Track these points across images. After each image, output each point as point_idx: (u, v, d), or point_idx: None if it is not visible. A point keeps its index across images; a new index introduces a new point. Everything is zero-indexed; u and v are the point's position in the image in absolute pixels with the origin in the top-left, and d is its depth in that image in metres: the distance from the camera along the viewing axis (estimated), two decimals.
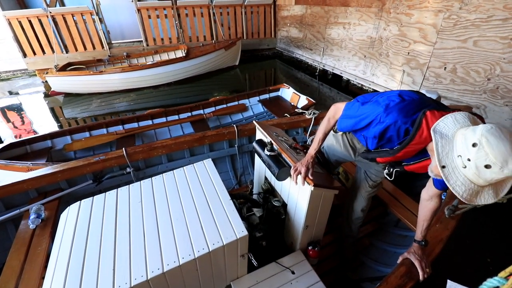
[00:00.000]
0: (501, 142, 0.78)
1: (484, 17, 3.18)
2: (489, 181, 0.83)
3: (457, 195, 0.88)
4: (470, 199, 0.87)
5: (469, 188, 0.87)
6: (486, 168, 0.81)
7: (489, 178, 0.82)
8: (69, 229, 1.24)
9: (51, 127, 4.80)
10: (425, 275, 1.23)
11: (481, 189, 0.87)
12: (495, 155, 0.78)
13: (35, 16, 5.89)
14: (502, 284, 0.53)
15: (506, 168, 0.78)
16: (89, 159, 2.04)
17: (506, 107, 3.18)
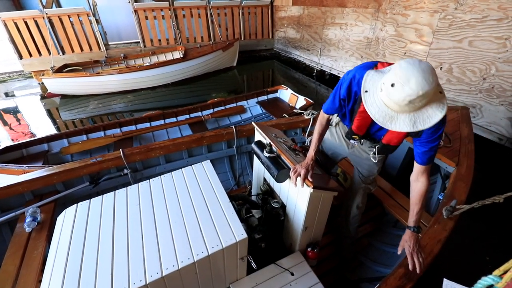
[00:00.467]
0: (410, 66, 0.87)
1: (479, 17, 3.21)
2: (397, 102, 0.89)
3: (371, 115, 0.95)
4: (383, 122, 0.94)
5: (383, 110, 0.94)
6: (392, 87, 0.88)
7: (395, 98, 0.88)
8: (66, 233, 1.23)
9: (48, 129, 4.76)
10: (417, 266, 1.21)
11: (395, 115, 0.93)
12: (400, 74, 0.87)
13: (31, 17, 5.85)
14: (497, 282, 0.53)
15: (406, 86, 0.85)
16: (86, 161, 2.02)
17: (501, 106, 3.21)
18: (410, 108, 0.90)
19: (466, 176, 1.81)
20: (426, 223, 1.67)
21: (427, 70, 0.86)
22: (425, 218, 1.73)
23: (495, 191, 2.53)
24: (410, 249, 1.27)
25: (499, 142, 3.30)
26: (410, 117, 0.91)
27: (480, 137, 3.44)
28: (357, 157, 1.57)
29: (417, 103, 0.88)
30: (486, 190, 2.63)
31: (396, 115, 0.93)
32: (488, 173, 3.09)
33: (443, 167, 2.05)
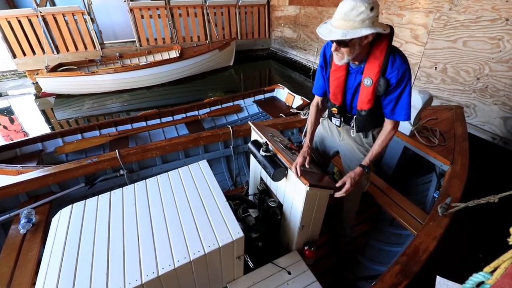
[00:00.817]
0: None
1: (473, 18, 3.25)
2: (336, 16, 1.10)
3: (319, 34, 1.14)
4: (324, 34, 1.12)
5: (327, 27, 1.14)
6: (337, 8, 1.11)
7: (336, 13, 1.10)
8: (61, 234, 1.22)
9: (42, 129, 4.71)
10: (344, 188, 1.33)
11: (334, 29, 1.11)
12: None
13: (25, 16, 5.78)
14: (487, 279, 0.54)
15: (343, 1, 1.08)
16: (81, 162, 2.00)
17: (495, 106, 3.25)
18: (346, 23, 1.08)
19: (461, 174, 1.83)
20: (421, 221, 1.69)
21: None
22: (420, 216, 1.75)
23: (489, 189, 2.57)
24: (350, 180, 1.34)
25: (493, 141, 3.34)
26: (344, 31, 1.08)
27: (474, 136, 3.48)
28: (347, 150, 1.58)
29: (353, 15, 1.06)
30: (480, 188, 2.68)
31: (334, 29, 1.11)
32: (482, 172, 3.13)
33: (438, 166, 2.07)
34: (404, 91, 1.21)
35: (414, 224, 1.70)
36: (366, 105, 1.30)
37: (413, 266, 1.28)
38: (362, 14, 1.04)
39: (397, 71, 1.18)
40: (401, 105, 1.24)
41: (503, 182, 2.99)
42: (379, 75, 1.20)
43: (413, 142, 2.19)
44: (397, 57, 1.19)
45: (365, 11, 1.04)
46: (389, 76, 1.20)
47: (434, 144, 2.13)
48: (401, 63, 1.18)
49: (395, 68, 1.18)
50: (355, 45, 1.14)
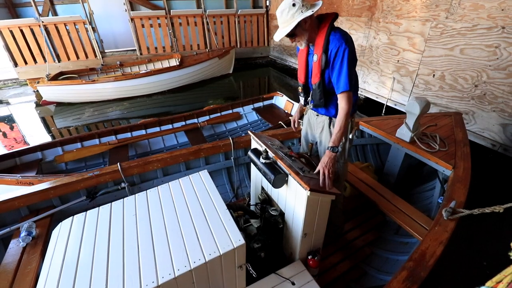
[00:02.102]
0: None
1: (470, 26, 3.30)
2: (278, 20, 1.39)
3: (274, 37, 1.42)
4: (275, 36, 1.40)
5: (276, 32, 1.41)
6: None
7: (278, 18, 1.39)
8: (61, 246, 1.21)
9: (43, 137, 4.71)
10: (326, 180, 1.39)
11: (280, 30, 1.38)
12: None
13: (27, 25, 5.86)
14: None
15: (277, 9, 1.38)
16: (83, 175, 2.00)
17: (493, 113, 3.26)
18: (284, 23, 1.37)
19: (464, 178, 1.83)
20: (426, 226, 1.68)
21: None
22: (426, 222, 1.74)
23: (491, 196, 2.55)
24: (323, 165, 1.39)
25: (492, 148, 3.34)
26: (284, 30, 1.37)
27: (474, 143, 3.49)
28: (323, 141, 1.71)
29: (285, 16, 1.34)
30: (483, 195, 2.66)
31: (280, 30, 1.39)
32: (484, 179, 3.12)
33: (441, 171, 2.06)
34: (342, 64, 1.37)
35: (420, 231, 1.68)
36: (316, 79, 1.50)
37: (421, 272, 1.26)
38: (289, 12, 1.33)
39: (334, 46, 1.37)
40: (340, 76, 1.39)
41: (505, 189, 2.98)
42: (322, 50, 1.41)
43: (414, 148, 2.19)
44: (336, 34, 1.38)
45: (290, 9, 1.32)
46: (329, 51, 1.39)
47: (435, 149, 2.13)
48: (339, 39, 1.36)
49: (333, 44, 1.37)
50: (301, 32, 1.39)
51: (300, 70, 1.63)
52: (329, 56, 1.40)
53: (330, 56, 1.40)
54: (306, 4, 1.35)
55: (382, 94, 4.84)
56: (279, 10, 1.35)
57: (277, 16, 1.38)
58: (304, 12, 1.33)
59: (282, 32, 1.37)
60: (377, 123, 2.59)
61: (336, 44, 1.36)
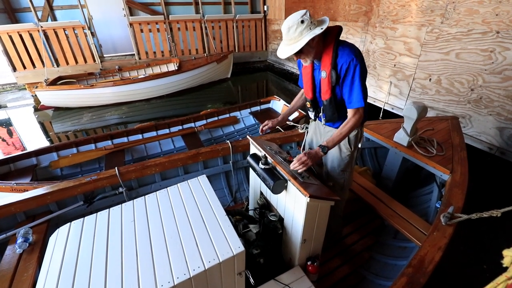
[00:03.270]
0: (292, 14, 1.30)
1: (465, 31, 3.33)
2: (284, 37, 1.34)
3: (278, 53, 1.37)
4: (280, 53, 1.36)
5: (281, 47, 1.37)
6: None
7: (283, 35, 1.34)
8: (58, 253, 1.20)
9: (40, 141, 4.70)
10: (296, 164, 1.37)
11: (285, 48, 1.34)
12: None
13: (26, 30, 5.87)
14: None
15: (282, 26, 1.32)
16: (80, 180, 1.99)
17: (490, 116, 3.28)
18: (290, 41, 1.32)
19: (461, 183, 1.83)
20: (425, 232, 1.68)
21: (297, 14, 1.29)
22: (424, 227, 1.74)
23: (489, 199, 2.56)
24: (305, 155, 1.37)
25: (489, 151, 3.36)
26: (292, 47, 1.31)
27: (471, 146, 3.50)
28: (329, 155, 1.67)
29: (291, 33, 1.29)
30: (481, 199, 2.66)
31: (286, 47, 1.35)
32: (482, 183, 3.13)
33: (438, 175, 2.07)
34: (354, 78, 1.34)
35: (418, 236, 1.68)
36: (326, 96, 1.47)
37: (420, 278, 1.26)
38: (297, 29, 1.28)
39: (344, 61, 1.33)
40: (353, 92, 1.37)
41: (502, 193, 2.98)
42: (331, 67, 1.37)
43: (412, 152, 2.20)
44: (344, 49, 1.34)
45: (298, 26, 1.27)
46: (338, 67, 1.35)
47: (432, 154, 2.14)
48: (348, 54, 1.32)
49: (343, 59, 1.33)
50: (308, 50, 1.34)
51: (306, 86, 1.58)
52: (339, 72, 1.36)
53: (340, 72, 1.35)
54: (314, 21, 1.31)
55: (379, 98, 4.87)
56: (285, 26, 1.30)
57: (283, 32, 1.32)
58: (313, 29, 1.28)
59: (289, 50, 1.32)
60: (375, 127, 2.60)
61: (346, 59, 1.32)
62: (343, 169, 1.66)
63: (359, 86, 1.34)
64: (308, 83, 1.55)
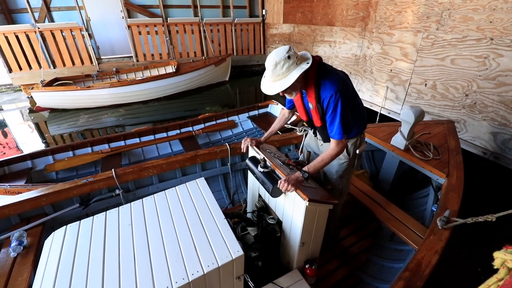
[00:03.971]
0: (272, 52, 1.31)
1: (460, 37, 3.40)
2: (269, 73, 1.30)
3: (262, 89, 1.36)
4: (266, 90, 1.35)
5: (265, 84, 1.36)
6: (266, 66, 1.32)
7: (268, 71, 1.31)
8: (54, 256, 1.18)
9: (36, 143, 4.64)
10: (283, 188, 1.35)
11: (271, 84, 1.32)
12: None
13: (23, 31, 5.83)
14: None
15: (267, 61, 1.30)
16: (76, 182, 1.96)
17: (484, 121, 3.34)
18: (277, 77, 1.30)
19: (457, 187, 1.86)
20: (421, 235, 1.69)
21: (281, 50, 1.28)
22: (420, 230, 1.75)
23: (484, 203, 2.58)
24: (288, 180, 1.35)
25: (484, 156, 3.41)
26: (279, 84, 1.30)
27: (466, 151, 3.55)
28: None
29: (277, 69, 1.27)
30: (476, 203, 2.69)
31: (272, 84, 1.32)
32: (476, 187, 3.17)
33: (434, 179, 2.09)
34: (335, 114, 1.36)
35: (415, 239, 1.70)
36: (318, 123, 1.50)
37: (417, 281, 1.27)
38: (284, 66, 1.26)
39: (326, 95, 1.34)
40: (333, 126, 1.39)
41: (496, 197, 3.02)
42: (315, 101, 1.40)
43: (408, 156, 2.22)
44: (324, 84, 1.35)
45: (285, 62, 1.25)
46: (321, 102, 1.39)
47: (429, 157, 2.16)
48: (330, 89, 1.33)
49: (324, 94, 1.35)
50: (295, 84, 1.32)
51: (299, 110, 1.61)
52: (323, 105, 1.39)
53: (323, 105, 1.39)
54: (299, 56, 1.31)
55: (376, 102, 4.92)
56: (271, 62, 1.26)
57: (269, 68, 1.28)
58: (300, 64, 1.28)
59: (278, 86, 1.29)
60: (373, 130, 2.63)
61: (328, 94, 1.33)
62: (341, 175, 1.68)
63: (339, 120, 1.36)
64: (301, 108, 1.58)
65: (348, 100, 1.38)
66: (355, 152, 1.62)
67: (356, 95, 1.53)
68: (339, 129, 1.37)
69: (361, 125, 1.60)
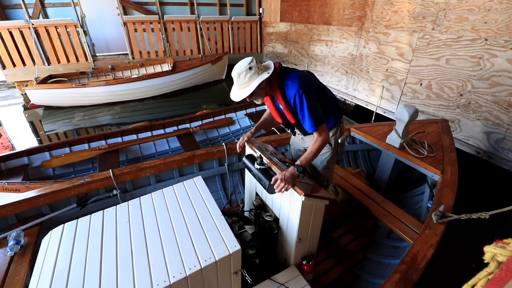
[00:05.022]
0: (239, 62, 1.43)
1: (455, 38, 3.44)
2: (235, 82, 1.44)
3: (231, 96, 1.48)
4: (232, 96, 1.47)
5: (232, 91, 1.48)
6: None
7: (234, 80, 1.44)
8: (51, 255, 1.18)
9: (30, 141, 4.59)
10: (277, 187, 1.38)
11: (238, 92, 1.44)
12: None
13: (16, 27, 5.74)
14: None
15: (232, 72, 1.42)
16: (73, 182, 1.96)
17: (478, 121, 3.39)
18: (242, 85, 1.42)
19: (452, 183, 1.89)
20: (418, 231, 1.72)
21: (244, 61, 1.41)
22: (416, 226, 1.78)
23: (478, 201, 2.61)
24: (281, 177, 1.37)
25: (477, 155, 3.46)
26: (243, 91, 1.42)
27: (459, 150, 3.60)
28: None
29: (241, 79, 1.40)
30: (470, 200, 2.73)
31: (238, 91, 1.45)
32: (470, 185, 3.22)
33: (429, 176, 2.13)
34: (303, 109, 1.45)
35: (411, 235, 1.73)
36: (292, 120, 1.57)
37: (413, 274, 1.29)
38: (246, 75, 1.39)
39: (291, 95, 1.45)
40: (305, 120, 1.47)
41: (490, 195, 3.07)
42: (284, 102, 1.49)
43: (404, 154, 2.25)
44: (286, 85, 1.46)
45: (246, 72, 1.38)
46: (288, 100, 1.48)
47: (424, 155, 2.20)
48: (292, 88, 1.44)
49: (289, 93, 1.45)
50: (258, 91, 1.45)
51: (273, 114, 1.69)
52: (290, 103, 1.48)
53: (291, 104, 1.48)
54: (260, 66, 1.44)
55: (372, 101, 4.96)
56: (235, 72, 1.41)
57: (234, 78, 1.43)
58: (261, 74, 1.41)
59: (241, 93, 1.43)
60: (368, 129, 2.65)
61: (291, 92, 1.43)
62: (325, 166, 1.74)
63: (308, 114, 1.44)
64: (274, 112, 1.66)
65: (312, 94, 1.48)
66: (337, 142, 1.70)
67: (323, 88, 1.64)
68: (311, 121, 1.45)
69: (336, 114, 1.67)
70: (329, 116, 1.62)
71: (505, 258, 0.54)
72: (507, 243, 0.56)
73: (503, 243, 0.57)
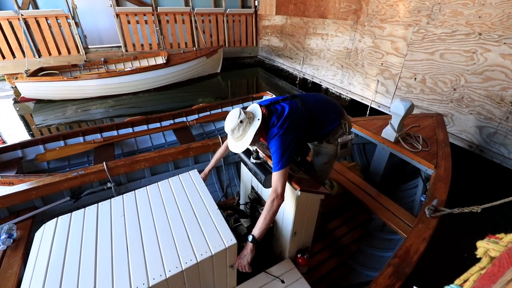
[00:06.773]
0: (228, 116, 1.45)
1: (449, 32, 3.45)
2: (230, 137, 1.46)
3: (231, 149, 1.48)
4: (232, 149, 1.47)
5: (230, 144, 1.48)
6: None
7: (228, 135, 1.45)
8: (45, 249, 1.17)
9: (21, 135, 4.50)
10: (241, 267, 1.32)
11: (236, 144, 1.45)
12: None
13: (5, 18, 5.57)
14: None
15: (225, 128, 1.43)
16: (67, 174, 1.93)
17: (470, 116, 3.44)
18: (238, 138, 1.44)
19: (445, 177, 1.92)
20: (411, 224, 1.75)
21: (233, 116, 1.42)
22: (409, 219, 1.81)
23: (470, 194, 2.65)
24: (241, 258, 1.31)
25: (469, 149, 3.52)
26: (242, 143, 1.44)
27: (452, 144, 3.66)
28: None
29: (235, 133, 1.42)
30: (463, 193, 2.78)
31: (236, 144, 1.46)
32: (462, 179, 3.28)
33: (423, 170, 2.16)
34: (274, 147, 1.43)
35: (404, 228, 1.75)
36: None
37: (405, 268, 1.32)
38: (240, 129, 1.41)
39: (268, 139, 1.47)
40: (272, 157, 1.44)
41: (482, 188, 3.14)
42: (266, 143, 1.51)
43: (398, 148, 2.28)
44: (272, 130, 1.45)
45: (239, 127, 1.40)
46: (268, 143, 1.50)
47: (418, 149, 2.22)
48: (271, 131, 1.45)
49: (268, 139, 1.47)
50: (255, 138, 1.45)
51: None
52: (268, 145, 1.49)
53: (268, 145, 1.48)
54: (249, 115, 1.44)
55: (367, 96, 4.98)
56: (228, 128, 1.42)
57: (228, 133, 1.44)
58: (252, 122, 1.43)
59: (240, 145, 1.45)
60: (364, 123, 2.67)
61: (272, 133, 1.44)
62: (325, 162, 1.75)
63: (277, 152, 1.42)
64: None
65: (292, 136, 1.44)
66: (337, 140, 1.69)
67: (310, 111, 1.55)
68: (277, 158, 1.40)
69: (335, 118, 1.63)
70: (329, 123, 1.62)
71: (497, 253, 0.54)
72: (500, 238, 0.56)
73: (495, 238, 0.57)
